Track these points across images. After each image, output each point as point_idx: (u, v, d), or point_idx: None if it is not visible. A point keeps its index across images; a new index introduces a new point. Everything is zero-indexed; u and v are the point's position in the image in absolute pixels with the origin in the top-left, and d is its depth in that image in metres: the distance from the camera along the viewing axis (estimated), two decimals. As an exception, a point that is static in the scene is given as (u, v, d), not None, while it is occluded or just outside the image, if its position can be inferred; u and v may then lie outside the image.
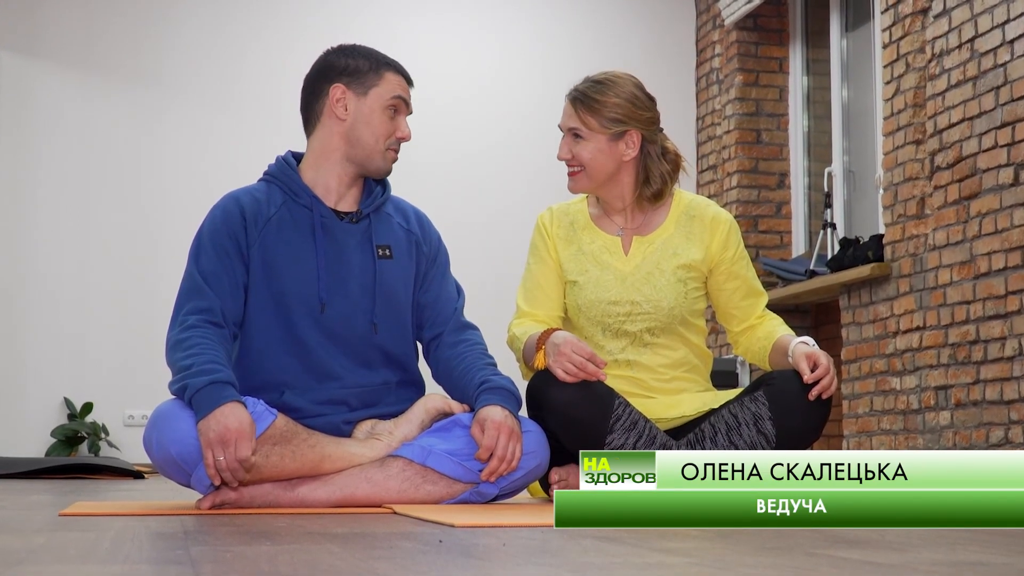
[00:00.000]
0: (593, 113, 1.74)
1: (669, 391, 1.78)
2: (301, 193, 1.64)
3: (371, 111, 1.64)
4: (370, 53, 1.68)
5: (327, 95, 1.65)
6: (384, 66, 1.66)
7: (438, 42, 4.37)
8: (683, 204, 1.81)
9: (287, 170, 1.66)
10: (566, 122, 1.77)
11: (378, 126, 1.64)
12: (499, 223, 4.22)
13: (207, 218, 1.65)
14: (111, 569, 0.87)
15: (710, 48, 4.42)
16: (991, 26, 3.00)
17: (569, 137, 1.77)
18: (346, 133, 1.64)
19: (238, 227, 1.61)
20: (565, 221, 1.84)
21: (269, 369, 1.61)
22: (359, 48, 1.68)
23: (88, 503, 1.73)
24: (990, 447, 2.95)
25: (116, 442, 4.00)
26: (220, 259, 1.60)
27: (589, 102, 1.74)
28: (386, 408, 1.65)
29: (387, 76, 1.65)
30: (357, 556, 0.96)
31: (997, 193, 2.97)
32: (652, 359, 1.77)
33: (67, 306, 4.04)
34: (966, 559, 0.95)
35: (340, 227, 1.63)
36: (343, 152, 1.65)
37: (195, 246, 1.64)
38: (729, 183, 4.26)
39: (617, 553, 0.98)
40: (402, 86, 1.67)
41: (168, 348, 1.57)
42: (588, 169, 1.76)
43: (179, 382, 1.51)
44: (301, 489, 1.56)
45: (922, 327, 3.22)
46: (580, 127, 1.75)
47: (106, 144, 4.12)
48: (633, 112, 1.75)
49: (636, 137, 1.75)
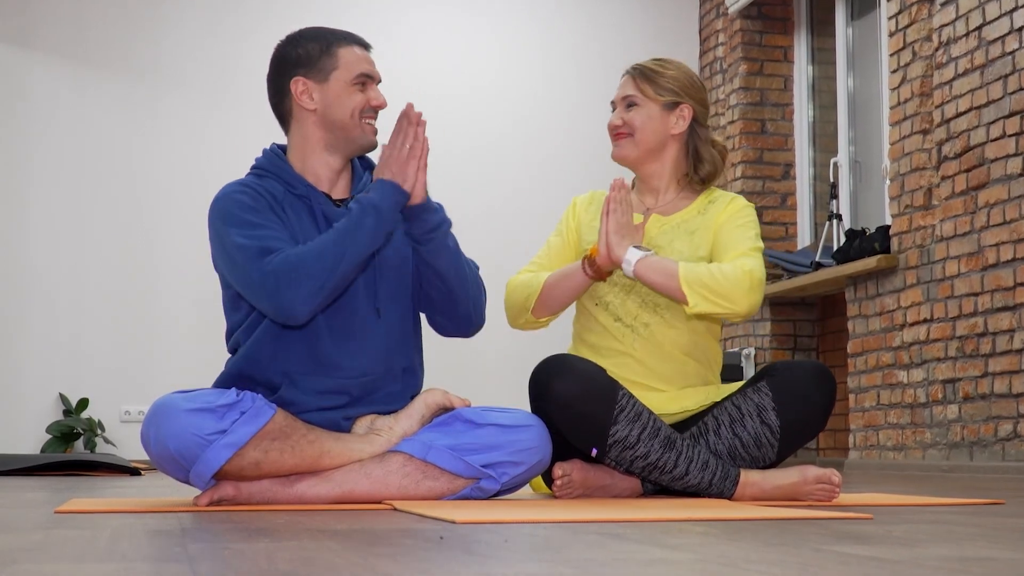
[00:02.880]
0: (650, 82, 1.79)
1: (674, 379, 1.77)
2: (297, 183, 1.62)
3: (337, 94, 1.60)
4: (318, 34, 1.63)
5: (290, 91, 1.62)
6: (335, 44, 1.61)
7: (438, 31, 4.34)
8: (711, 195, 1.84)
9: (278, 161, 1.65)
10: (621, 93, 1.81)
11: (348, 103, 1.61)
12: (500, 217, 4.20)
13: (219, 204, 1.57)
14: (108, 567, 0.86)
15: (714, 37, 4.39)
16: (999, 13, 2.97)
17: (622, 106, 1.80)
18: (320, 121, 1.62)
19: (261, 201, 1.58)
20: (598, 200, 1.87)
21: (273, 357, 1.59)
22: (307, 32, 1.64)
23: (84, 500, 1.72)
24: (998, 441, 2.93)
25: (112, 438, 3.99)
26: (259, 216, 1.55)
27: (647, 72, 1.80)
28: (386, 404, 1.64)
29: (340, 54, 1.61)
30: (357, 553, 0.95)
31: (1005, 183, 2.94)
32: (662, 331, 1.76)
33: (62, 300, 4.03)
34: (973, 555, 0.94)
35: (338, 214, 1.61)
36: (324, 140, 1.63)
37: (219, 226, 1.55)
38: (733, 173, 4.24)
39: (620, 549, 0.97)
40: (360, 59, 1.62)
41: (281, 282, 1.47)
42: (637, 135, 1.78)
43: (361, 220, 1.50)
44: (300, 485, 1.55)
45: (929, 319, 3.20)
46: (636, 94, 1.79)
47: (100, 138, 4.10)
48: (689, 88, 1.80)
49: (688, 112, 1.80)
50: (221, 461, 1.48)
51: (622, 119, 1.79)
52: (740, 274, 1.67)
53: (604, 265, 1.72)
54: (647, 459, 1.65)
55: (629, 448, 1.64)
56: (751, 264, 1.70)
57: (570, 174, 4.20)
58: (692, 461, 1.65)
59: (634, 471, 1.67)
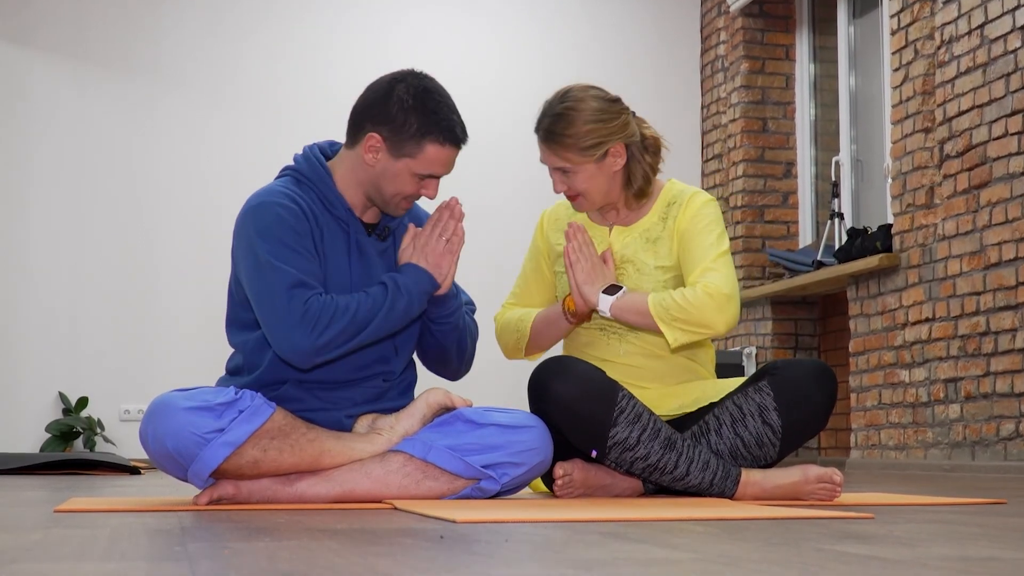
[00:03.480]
0: (569, 149, 1.71)
1: (665, 377, 1.77)
2: (337, 204, 1.60)
3: (398, 174, 1.56)
4: (426, 110, 1.54)
5: (365, 135, 1.57)
6: (430, 136, 1.55)
7: (438, 30, 4.34)
8: (670, 194, 1.80)
9: (320, 173, 1.60)
10: (549, 162, 1.75)
11: (402, 187, 1.57)
12: (499, 216, 4.20)
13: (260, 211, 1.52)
14: (107, 567, 0.85)
15: (715, 35, 4.38)
16: (1001, 12, 2.96)
17: (557, 174, 1.75)
18: (368, 176, 1.59)
19: (303, 222, 1.54)
20: (565, 214, 1.86)
21: (277, 366, 1.58)
22: (425, 97, 1.55)
23: (83, 499, 1.71)
24: (1000, 441, 2.93)
25: (112, 437, 3.99)
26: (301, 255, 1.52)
27: (561, 139, 1.71)
28: (387, 403, 1.64)
29: (428, 150, 1.55)
30: (357, 552, 0.95)
31: (1008, 182, 2.93)
32: (650, 334, 1.76)
33: (61, 299, 4.02)
34: (976, 554, 0.93)
35: (370, 243, 1.62)
36: (364, 187, 1.60)
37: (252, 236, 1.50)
38: (735, 172, 4.23)
39: (621, 549, 0.97)
40: (440, 162, 1.57)
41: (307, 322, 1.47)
42: (587, 195, 1.75)
43: (394, 304, 1.52)
44: (300, 484, 1.55)
45: (931, 318, 3.19)
46: (564, 164, 1.73)
47: (100, 137, 4.10)
48: (606, 129, 1.72)
49: (620, 148, 1.74)
50: (219, 460, 1.48)
51: (567, 185, 1.72)
52: (704, 298, 1.66)
53: (583, 312, 1.74)
54: (647, 460, 1.64)
55: (629, 450, 1.64)
56: (716, 280, 1.67)
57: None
58: (693, 461, 1.64)
59: (634, 472, 1.67)
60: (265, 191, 1.58)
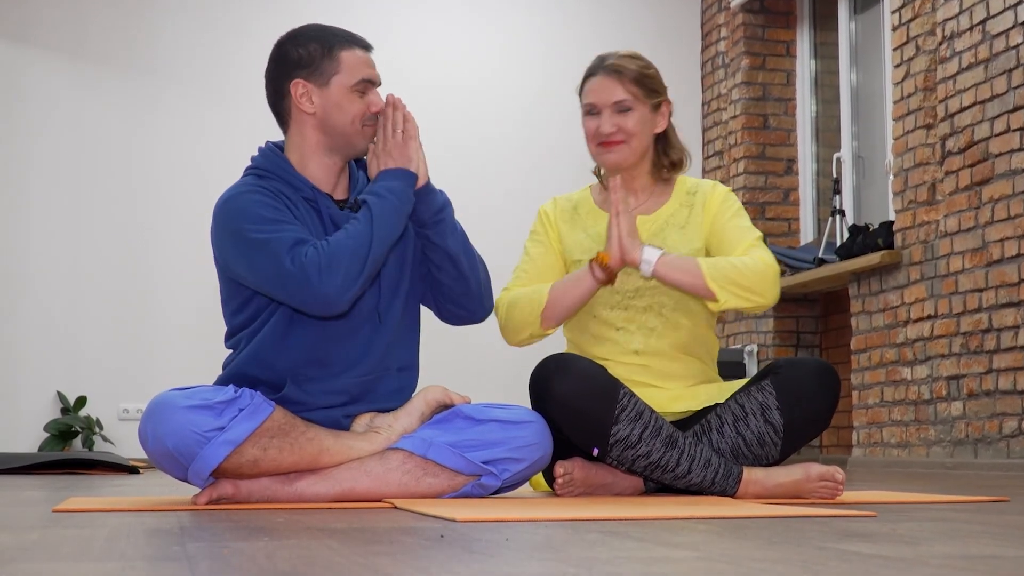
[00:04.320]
0: (638, 84, 1.74)
1: (679, 378, 1.76)
2: (302, 186, 1.61)
3: (338, 100, 1.58)
4: (320, 34, 1.60)
5: (289, 92, 1.59)
6: (337, 46, 1.58)
7: (438, 27, 4.33)
8: (686, 186, 1.83)
9: (279, 162, 1.62)
10: (608, 96, 1.73)
11: (349, 110, 1.59)
12: (500, 212, 4.20)
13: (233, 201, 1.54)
14: (106, 566, 0.85)
15: (716, 31, 4.37)
16: (1003, 7, 2.96)
17: (610, 111, 1.73)
18: (319, 125, 1.60)
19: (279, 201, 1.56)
20: (568, 207, 1.84)
21: (277, 358, 1.58)
22: (308, 31, 1.61)
23: (82, 499, 1.71)
24: (1003, 438, 2.92)
25: (111, 436, 3.98)
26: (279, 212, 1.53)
27: (633, 73, 1.73)
28: (386, 401, 1.64)
29: (343, 58, 1.58)
30: (357, 551, 0.94)
31: (1010, 178, 2.93)
32: (667, 332, 1.75)
33: (60, 298, 4.02)
34: (978, 552, 0.93)
35: (343, 216, 1.60)
36: (323, 143, 1.61)
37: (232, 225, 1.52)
38: (736, 169, 4.22)
39: (622, 548, 0.96)
40: (363, 63, 1.59)
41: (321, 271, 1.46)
42: (634, 140, 1.74)
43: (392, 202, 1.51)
44: (299, 484, 1.55)
45: (933, 316, 3.18)
46: (628, 98, 1.73)
47: (98, 135, 4.09)
48: (662, 84, 1.78)
49: (667, 109, 1.78)
50: (219, 458, 1.48)
51: (617, 125, 1.73)
52: (763, 267, 1.68)
53: (616, 267, 1.70)
54: (649, 458, 1.64)
55: (631, 448, 1.63)
56: (768, 256, 1.71)
57: (570, 170, 4.18)
58: (694, 460, 1.64)
59: (636, 470, 1.66)
60: (230, 188, 1.60)
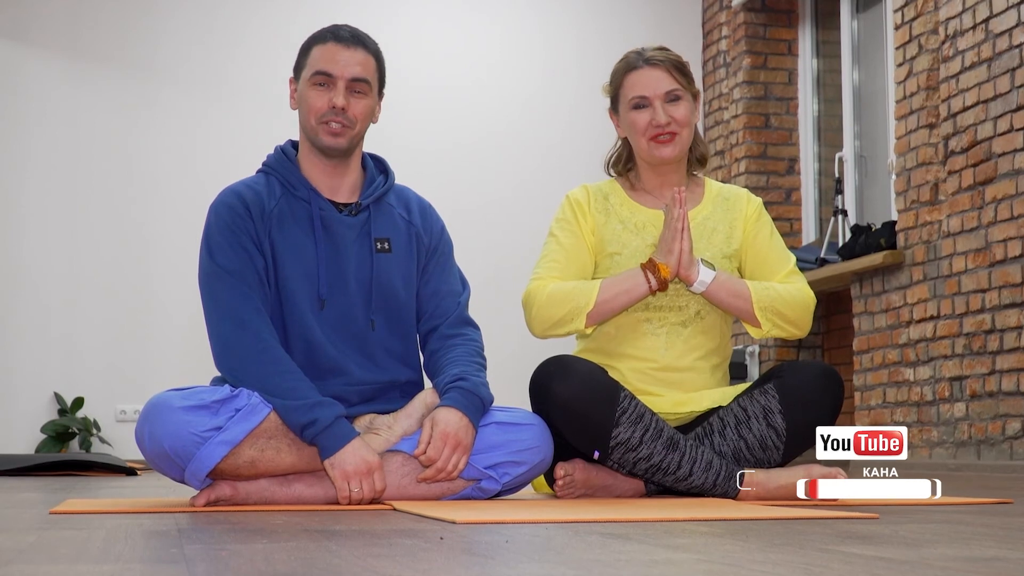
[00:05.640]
0: (682, 73, 1.76)
1: (697, 383, 1.75)
2: (299, 186, 1.61)
3: (303, 94, 1.60)
4: (314, 33, 1.62)
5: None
6: (312, 42, 1.61)
7: (438, 24, 4.32)
8: (715, 188, 1.85)
9: (285, 161, 1.64)
10: (659, 86, 1.74)
11: (307, 104, 1.59)
12: (501, 209, 4.19)
13: (210, 215, 1.61)
14: (103, 568, 0.85)
15: (717, 30, 4.36)
16: (1006, 6, 2.95)
17: (663, 101, 1.74)
18: (299, 123, 1.63)
19: (245, 219, 1.58)
20: (599, 196, 1.81)
21: None
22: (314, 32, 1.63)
23: (79, 501, 1.71)
24: (1006, 440, 2.91)
25: (108, 438, 3.97)
26: (237, 253, 1.56)
27: (676, 63, 1.76)
28: (385, 404, 1.63)
29: (312, 53, 1.60)
30: (356, 554, 0.94)
31: (1013, 178, 2.92)
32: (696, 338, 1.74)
33: (56, 298, 4.01)
34: (981, 555, 0.93)
35: (339, 220, 1.60)
36: (306, 142, 1.63)
37: (206, 244, 1.58)
38: (737, 168, 4.22)
39: (623, 550, 0.96)
40: (324, 56, 1.58)
41: (231, 349, 1.51)
42: (685, 131, 1.76)
43: (300, 412, 1.48)
44: (298, 485, 1.54)
45: (936, 316, 3.17)
46: (679, 88, 1.74)
47: (95, 133, 4.09)
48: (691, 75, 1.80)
49: (699, 100, 1.80)
50: (216, 459, 1.47)
51: (670, 116, 1.73)
52: (807, 300, 1.75)
53: (670, 279, 1.71)
54: (650, 461, 1.63)
55: (632, 450, 1.63)
56: (808, 289, 1.77)
57: (571, 166, 4.18)
58: (696, 462, 1.63)
59: (637, 473, 1.66)
60: (225, 189, 1.63)
